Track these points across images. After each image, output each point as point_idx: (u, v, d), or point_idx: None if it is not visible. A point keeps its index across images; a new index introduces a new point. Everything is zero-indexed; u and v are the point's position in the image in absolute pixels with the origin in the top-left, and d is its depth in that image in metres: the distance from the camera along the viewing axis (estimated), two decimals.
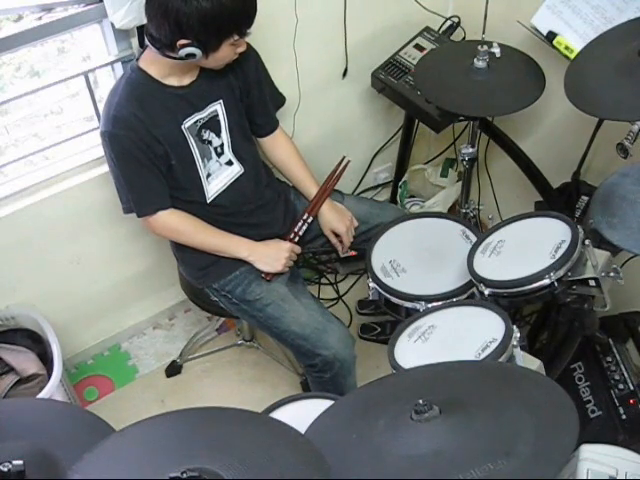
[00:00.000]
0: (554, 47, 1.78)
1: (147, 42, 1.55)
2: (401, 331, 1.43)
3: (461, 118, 2.10)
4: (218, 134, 1.74)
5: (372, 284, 1.69)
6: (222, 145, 1.76)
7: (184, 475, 0.77)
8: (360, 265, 2.35)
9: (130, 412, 2.20)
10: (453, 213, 2.34)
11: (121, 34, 1.75)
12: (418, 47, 2.15)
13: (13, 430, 0.99)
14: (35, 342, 2.01)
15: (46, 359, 1.97)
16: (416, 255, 1.73)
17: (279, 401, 1.29)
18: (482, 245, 1.56)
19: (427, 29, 2.17)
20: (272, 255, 1.81)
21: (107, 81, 1.89)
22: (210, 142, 1.73)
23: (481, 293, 1.46)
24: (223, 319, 2.32)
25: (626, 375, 1.80)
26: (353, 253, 1.97)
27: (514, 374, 1.10)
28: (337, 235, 1.92)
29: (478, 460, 0.85)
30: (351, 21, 2.09)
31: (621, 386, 1.79)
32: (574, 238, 1.40)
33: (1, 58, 1.76)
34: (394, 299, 1.64)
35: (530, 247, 1.49)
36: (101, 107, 1.67)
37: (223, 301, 1.86)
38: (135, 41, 1.77)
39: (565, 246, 1.40)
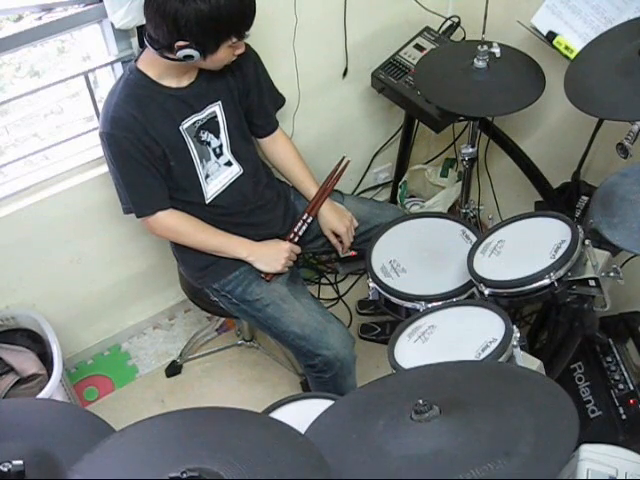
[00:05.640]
0: (554, 47, 1.78)
1: (146, 43, 1.55)
2: (401, 331, 1.43)
3: (461, 118, 2.10)
4: (217, 135, 1.74)
5: (372, 284, 1.69)
6: (221, 146, 1.76)
7: (184, 475, 0.77)
8: (360, 265, 2.35)
9: (130, 412, 2.20)
10: (453, 213, 2.34)
11: (121, 34, 1.75)
12: (418, 47, 2.15)
13: (13, 430, 0.99)
14: (35, 342, 2.01)
15: (46, 359, 1.97)
16: (416, 255, 1.73)
17: (279, 401, 1.29)
18: (482, 245, 1.56)
19: (427, 29, 2.17)
20: (272, 255, 1.81)
21: (107, 81, 1.89)
22: (209, 143, 1.73)
23: (481, 293, 1.46)
24: (223, 319, 2.31)
25: (626, 375, 1.80)
26: (353, 253, 1.98)
27: (514, 374, 1.10)
28: (337, 235, 1.92)
29: (478, 460, 0.85)
30: (351, 21, 2.09)
31: (621, 386, 1.79)
32: (574, 238, 1.40)
33: (1, 58, 1.76)
34: (394, 299, 1.64)
35: (530, 247, 1.49)
36: (101, 107, 1.67)
37: (223, 301, 1.86)
38: (135, 41, 1.77)
39: (565, 246, 1.40)
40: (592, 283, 1.40)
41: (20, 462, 0.85)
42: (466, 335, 1.35)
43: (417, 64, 2.00)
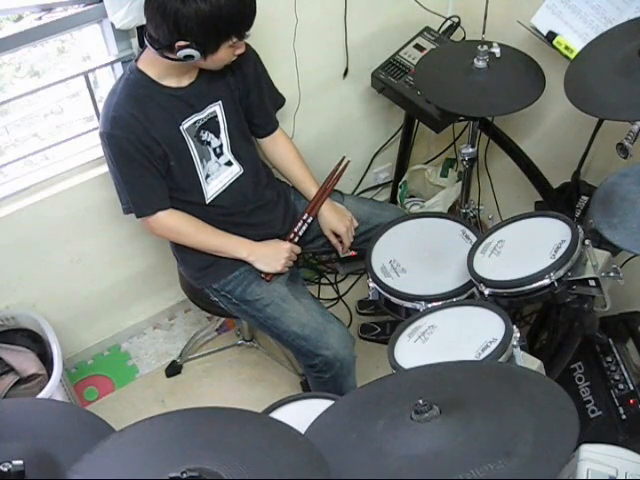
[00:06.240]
0: (554, 47, 1.78)
1: (146, 42, 1.55)
2: (401, 331, 1.43)
3: (461, 118, 2.10)
4: (217, 135, 1.74)
5: (372, 284, 1.69)
6: (221, 146, 1.76)
7: (184, 475, 0.77)
8: (360, 265, 2.35)
9: (130, 412, 2.20)
10: (453, 213, 2.34)
11: (121, 34, 1.75)
12: (418, 47, 2.15)
13: (13, 430, 0.99)
14: (35, 342, 2.01)
15: (46, 359, 1.97)
16: (416, 255, 1.73)
17: (279, 401, 1.29)
18: (482, 245, 1.56)
19: (427, 29, 2.17)
20: (272, 255, 1.81)
21: (107, 81, 1.89)
22: (209, 143, 1.73)
23: (481, 293, 1.46)
24: (223, 319, 2.32)
25: (626, 375, 1.80)
26: (353, 253, 1.97)
27: (514, 374, 1.10)
28: (337, 235, 1.92)
29: (478, 460, 0.85)
30: (351, 21, 2.09)
31: (621, 386, 1.79)
32: (574, 238, 1.40)
33: (1, 58, 1.76)
34: (394, 299, 1.64)
35: (530, 247, 1.49)
36: (101, 107, 1.67)
37: (223, 301, 1.86)
38: (135, 41, 1.77)
39: (565, 246, 1.40)
40: (592, 283, 1.40)
41: (20, 462, 0.85)
42: (466, 335, 1.35)
43: (417, 64, 2.00)
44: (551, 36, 1.78)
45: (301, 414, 1.09)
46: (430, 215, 1.86)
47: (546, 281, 1.37)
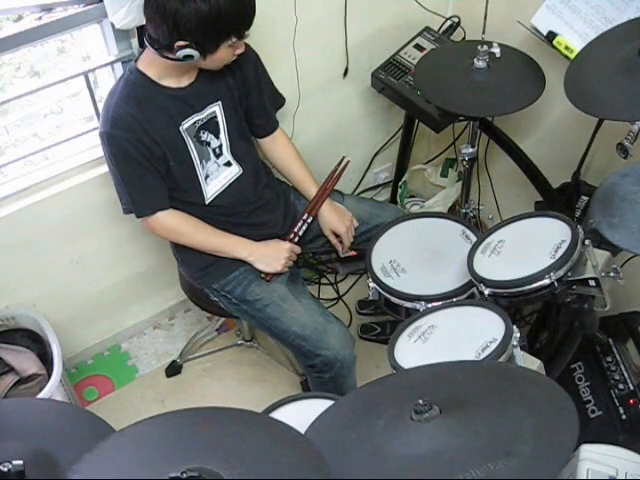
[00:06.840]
0: (554, 47, 1.78)
1: (146, 43, 1.55)
2: (401, 331, 1.43)
3: (461, 118, 2.10)
4: (217, 135, 1.74)
5: (372, 284, 1.69)
6: (221, 146, 1.76)
7: (184, 475, 0.77)
8: (360, 265, 2.35)
9: (130, 412, 2.20)
10: (453, 213, 2.34)
11: (121, 34, 1.75)
12: (418, 47, 2.15)
13: (13, 430, 0.99)
14: (35, 342, 2.01)
15: (46, 359, 1.97)
16: (416, 255, 1.73)
17: (279, 401, 1.29)
18: (482, 245, 1.56)
19: (427, 29, 2.17)
20: (271, 255, 1.81)
21: (107, 81, 1.89)
22: (208, 143, 1.73)
23: (481, 293, 1.46)
24: (223, 319, 2.31)
25: (626, 375, 1.80)
26: (353, 253, 1.97)
27: (514, 374, 1.10)
28: (337, 235, 1.92)
29: (478, 460, 0.85)
30: (351, 21, 2.09)
31: (621, 386, 1.79)
32: (574, 238, 1.40)
33: (1, 58, 1.76)
34: (394, 299, 1.64)
35: (530, 247, 1.49)
36: (101, 107, 1.67)
37: (223, 301, 1.86)
38: (135, 41, 1.77)
39: (565, 246, 1.40)
40: (592, 283, 1.40)
41: (20, 462, 0.85)
42: (466, 335, 1.35)
43: (417, 64, 2.00)
44: (551, 36, 1.78)
45: (301, 414, 1.09)
46: (430, 215, 1.86)
47: (546, 281, 1.37)
